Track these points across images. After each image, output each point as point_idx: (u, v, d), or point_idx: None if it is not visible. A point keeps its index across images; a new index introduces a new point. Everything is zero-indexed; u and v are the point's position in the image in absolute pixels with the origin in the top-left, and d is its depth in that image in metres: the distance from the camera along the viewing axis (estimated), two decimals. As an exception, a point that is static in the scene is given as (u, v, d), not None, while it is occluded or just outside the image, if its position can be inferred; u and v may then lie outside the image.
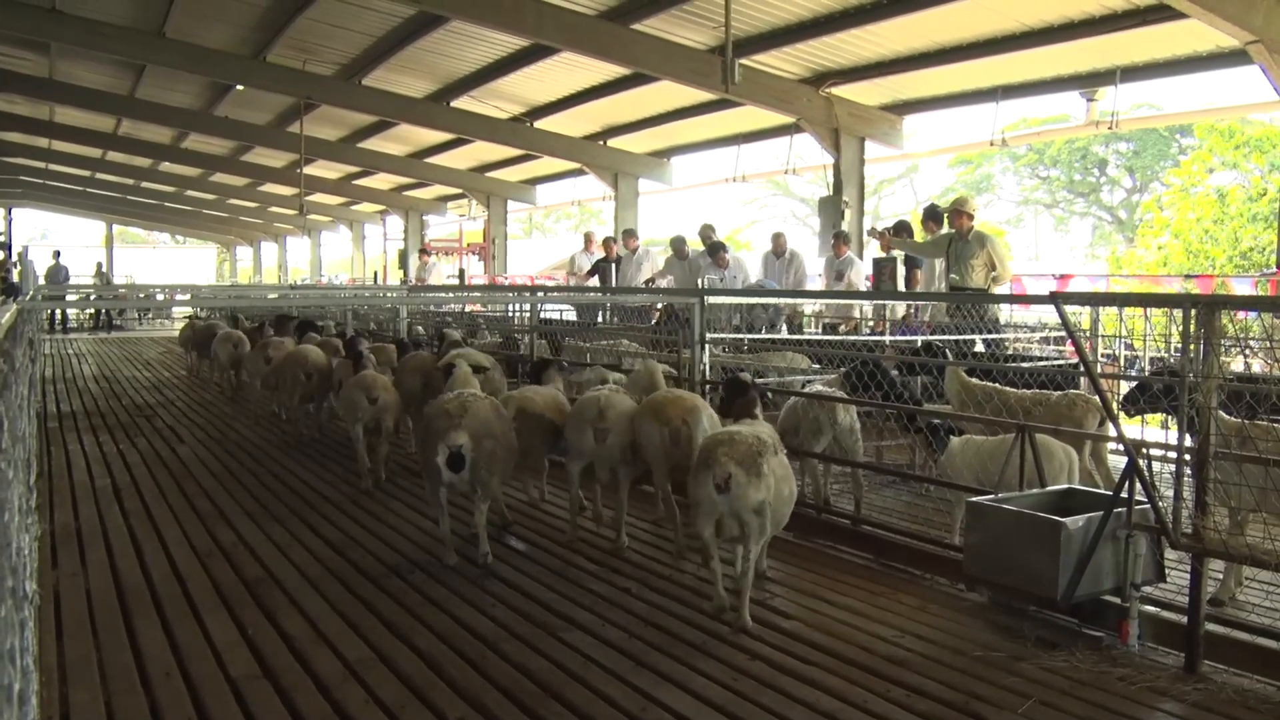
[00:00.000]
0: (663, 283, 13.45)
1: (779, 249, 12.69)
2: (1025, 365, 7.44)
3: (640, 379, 6.38)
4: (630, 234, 15.62)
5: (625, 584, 4.99)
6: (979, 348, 8.52)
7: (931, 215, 11.16)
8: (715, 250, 12.92)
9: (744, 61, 12.10)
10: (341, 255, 40.72)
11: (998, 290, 9.67)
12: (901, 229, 11.02)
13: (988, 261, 9.45)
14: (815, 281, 13.12)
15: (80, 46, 15.98)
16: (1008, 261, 9.75)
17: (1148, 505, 4.13)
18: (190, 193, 34.91)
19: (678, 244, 13.87)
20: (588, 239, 16.70)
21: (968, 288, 9.46)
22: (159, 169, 30.41)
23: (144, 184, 33.59)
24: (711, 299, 7.85)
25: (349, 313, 12.85)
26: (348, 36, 15.30)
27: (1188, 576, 4.10)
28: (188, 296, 12.95)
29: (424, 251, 22.03)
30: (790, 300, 11.14)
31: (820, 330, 10.97)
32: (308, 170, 22.93)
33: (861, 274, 12.26)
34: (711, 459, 4.29)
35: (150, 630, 4.30)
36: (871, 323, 10.64)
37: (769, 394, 7.18)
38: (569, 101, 17.17)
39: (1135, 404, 5.84)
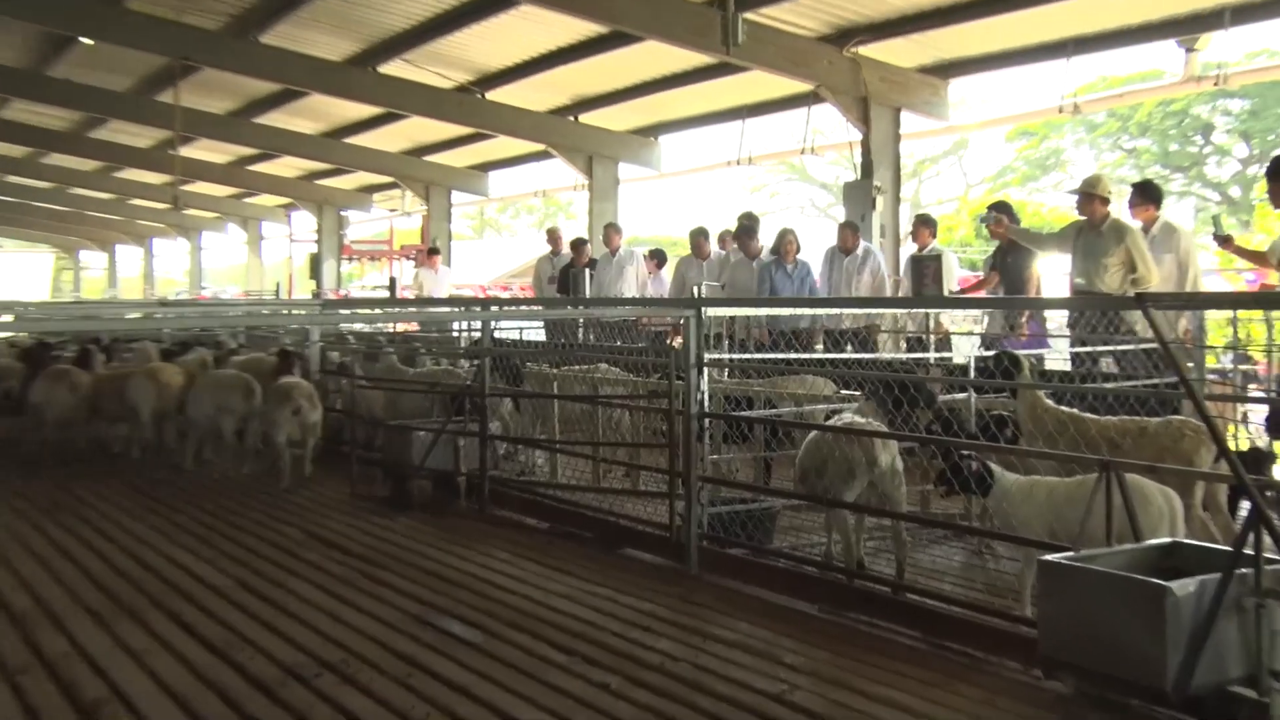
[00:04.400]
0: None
1: (846, 244, 12.37)
2: (1109, 386, 7.36)
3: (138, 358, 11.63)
4: (613, 229, 15.58)
5: (603, 678, 4.86)
6: (1063, 364, 8.39)
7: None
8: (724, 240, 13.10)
9: (749, 16, 12.11)
10: (232, 262, 40.66)
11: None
12: (1002, 209, 10.97)
13: (1126, 260, 9.04)
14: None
15: None
16: (1153, 261, 9.25)
17: (1280, 564, 4.04)
18: (13, 179, 33.57)
19: (697, 237, 13.81)
20: (552, 237, 16.66)
21: (1096, 292, 9.08)
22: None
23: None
24: (710, 310, 7.75)
25: (242, 335, 12.79)
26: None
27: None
28: (9, 318, 12.51)
29: (434, 251, 21.41)
30: (804, 309, 11.03)
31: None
32: (185, 152, 22.70)
33: (955, 265, 12.12)
34: (290, 396, 9.08)
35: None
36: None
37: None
38: (531, 67, 17.19)
39: None
